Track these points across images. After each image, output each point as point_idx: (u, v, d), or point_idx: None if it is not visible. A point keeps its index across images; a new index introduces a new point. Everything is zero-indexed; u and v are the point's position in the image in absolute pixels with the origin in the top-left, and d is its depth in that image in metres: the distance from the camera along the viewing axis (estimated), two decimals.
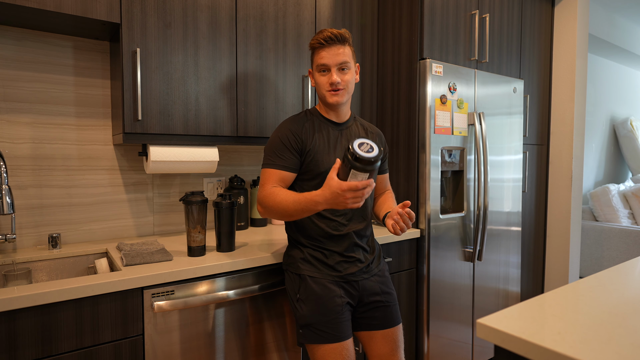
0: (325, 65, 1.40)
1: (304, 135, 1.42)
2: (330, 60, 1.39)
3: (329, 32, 1.39)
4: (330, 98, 1.42)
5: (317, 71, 1.43)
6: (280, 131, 1.43)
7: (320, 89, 1.44)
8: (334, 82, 1.39)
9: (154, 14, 1.57)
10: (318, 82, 1.44)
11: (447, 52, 2.16)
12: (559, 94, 2.89)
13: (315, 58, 1.43)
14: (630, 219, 4.02)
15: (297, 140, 1.41)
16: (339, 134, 1.48)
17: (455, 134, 2.14)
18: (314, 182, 1.43)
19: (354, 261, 1.43)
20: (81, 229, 1.75)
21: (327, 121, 1.48)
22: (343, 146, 1.46)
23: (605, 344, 0.76)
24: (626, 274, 1.19)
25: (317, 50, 1.42)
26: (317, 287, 1.39)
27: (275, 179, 1.39)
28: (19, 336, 1.12)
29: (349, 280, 1.42)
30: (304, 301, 1.40)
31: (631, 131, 4.61)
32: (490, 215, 2.34)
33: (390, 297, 1.49)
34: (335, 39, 1.39)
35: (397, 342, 1.48)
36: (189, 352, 1.40)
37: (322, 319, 1.36)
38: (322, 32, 1.40)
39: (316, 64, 1.43)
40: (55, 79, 1.68)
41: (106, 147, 1.79)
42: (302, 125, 1.44)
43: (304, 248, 1.45)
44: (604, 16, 3.89)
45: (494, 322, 0.85)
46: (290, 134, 1.41)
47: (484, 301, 2.34)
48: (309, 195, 1.25)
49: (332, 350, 1.35)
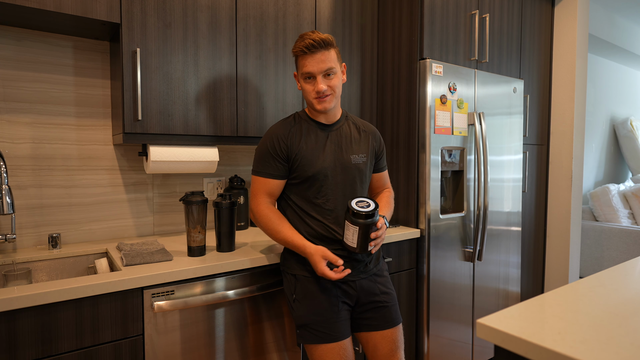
0: (310, 73, 1.37)
1: (289, 141, 1.41)
2: (314, 68, 1.36)
3: (311, 40, 1.35)
4: (318, 105, 1.40)
5: (302, 78, 1.41)
6: (267, 137, 1.44)
7: (307, 96, 1.42)
8: (320, 90, 1.37)
9: (154, 14, 1.57)
10: (304, 89, 1.42)
11: (447, 52, 2.16)
12: (559, 94, 2.89)
13: (299, 65, 1.41)
14: (630, 219, 4.02)
15: (282, 147, 1.41)
16: (327, 135, 1.46)
17: (455, 134, 2.14)
18: (304, 185, 1.43)
19: (350, 261, 1.43)
20: (81, 229, 1.75)
21: (315, 124, 1.47)
22: (333, 145, 1.45)
23: (605, 344, 0.76)
24: (626, 274, 1.19)
25: (300, 57, 1.39)
26: (312, 287, 1.39)
27: (266, 188, 1.43)
28: (19, 336, 1.12)
29: (345, 280, 1.41)
30: (300, 301, 1.40)
31: (631, 131, 4.61)
32: (490, 215, 2.34)
33: (389, 297, 1.48)
34: (319, 45, 1.35)
35: (396, 342, 1.47)
36: (189, 352, 1.40)
37: (318, 318, 1.36)
38: (303, 38, 1.37)
39: (300, 71, 1.41)
40: (55, 79, 1.68)
41: (106, 147, 1.79)
42: (289, 131, 1.43)
43: None
44: (604, 16, 3.89)
45: (494, 322, 0.85)
46: (277, 140, 1.41)
47: (484, 301, 2.34)
48: (302, 243, 1.37)
49: (330, 350, 1.35)
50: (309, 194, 1.43)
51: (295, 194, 1.45)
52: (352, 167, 1.46)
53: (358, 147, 1.49)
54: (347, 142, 1.48)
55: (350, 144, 1.48)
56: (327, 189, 1.42)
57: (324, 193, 1.42)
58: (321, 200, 1.42)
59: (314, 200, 1.42)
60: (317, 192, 1.42)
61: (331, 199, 1.42)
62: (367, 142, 1.52)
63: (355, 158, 1.47)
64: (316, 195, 1.42)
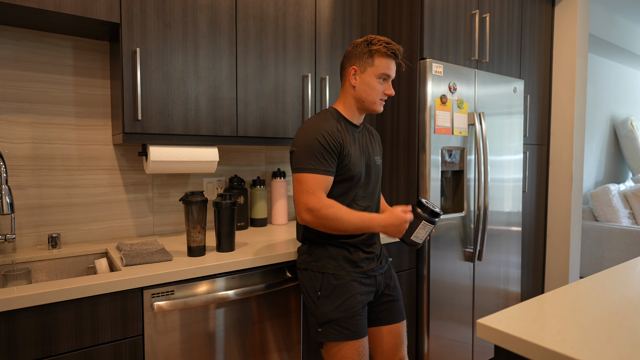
0: (390, 76, 1.45)
1: (339, 137, 1.39)
2: (393, 73, 1.46)
3: (397, 48, 1.43)
4: (379, 107, 1.46)
5: (377, 77, 1.43)
6: (315, 133, 1.37)
7: (371, 94, 1.44)
8: (392, 94, 1.46)
9: (154, 14, 1.57)
10: (373, 87, 1.43)
11: (447, 52, 2.16)
12: (559, 93, 2.89)
13: (380, 65, 1.43)
14: (630, 219, 4.02)
15: (335, 143, 1.38)
16: (357, 137, 1.49)
17: (455, 134, 2.14)
18: (345, 185, 1.42)
19: (374, 257, 1.48)
20: (81, 229, 1.75)
21: (350, 124, 1.48)
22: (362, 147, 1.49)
23: (605, 344, 0.75)
24: (626, 274, 1.19)
25: (384, 58, 1.43)
26: (340, 284, 1.40)
27: (324, 185, 1.36)
28: (19, 336, 1.12)
29: (370, 275, 1.45)
30: (326, 298, 1.39)
31: (631, 131, 4.60)
32: (490, 215, 2.34)
33: (397, 291, 1.54)
34: (398, 56, 1.45)
35: (401, 337, 1.52)
36: (189, 352, 1.40)
37: (344, 315, 1.37)
38: (388, 42, 1.42)
39: (381, 70, 1.43)
40: (55, 79, 1.68)
41: (106, 147, 1.79)
42: (335, 127, 1.41)
43: (329, 246, 1.44)
44: (604, 16, 3.89)
45: (494, 322, 0.85)
46: (329, 136, 1.37)
47: (484, 301, 2.34)
48: (372, 216, 1.36)
49: (352, 347, 1.37)
50: (349, 193, 1.44)
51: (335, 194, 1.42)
52: (377, 167, 1.52)
53: (376, 148, 1.56)
54: (369, 143, 1.53)
55: (372, 146, 1.54)
56: (362, 189, 1.47)
57: (361, 193, 1.47)
58: (358, 199, 1.46)
59: (353, 198, 1.45)
60: (357, 191, 1.45)
61: (366, 198, 1.48)
62: (378, 143, 1.60)
63: (377, 159, 1.53)
64: (356, 194, 1.45)
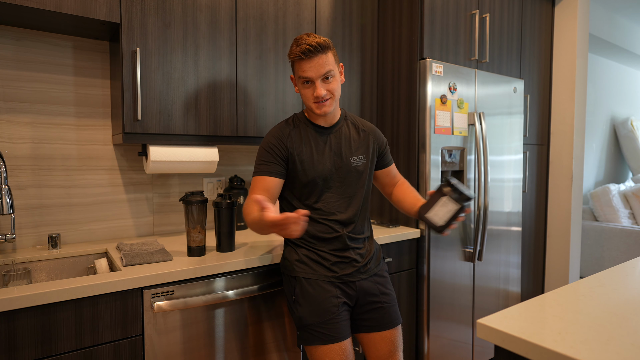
0: (308, 78, 1.35)
1: (288, 143, 1.40)
2: (312, 73, 1.33)
3: (307, 45, 1.31)
4: (317, 110, 1.38)
5: (300, 83, 1.38)
6: (266, 139, 1.43)
7: (306, 101, 1.40)
8: (319, 95, 1.34)
9: (154, 14, 1.57)
10: (303, 94, 1.40)
11: (447, 52, 2.16)
12: (559, 93, 2.89)
13: (297, 70, 1.37)
14: (630, 219, 4.02)
15: (280, 148, 1.39)
16: (326, 139, 1.45)
17: (455, 134, 2.14)
18: (305, 190, 1.43)
19: (350, 261, 1.43)
20: (81, 229, 1.75)
21: (314, 127, 1.46)
22: (332, 149, 1.44)
23: (605, 344, 0.75)
24: (626, 274, 1.19)
25: (297, 62, 1.36)
26: (311, 289, 1.39)
27: (260, 186, 1.37)
28: (19, 336, 1.12)
29: (345, 280, 1.41)
30: (300, 303, 1.39)
31: (631, 131, 4.60)
32: (490, 215, 2.34)
33: (388, 298, 1.48)
34: (315, 49, 1.31)
35: (395, 343, 1.47)
36: (189, 352, 1.40)
37: (318, 319, 1.36)
38: (299, 43, 1.33)
39: (298, 75, 1.37)
40: (55, 78, 1.68)
41: (106, 147, 1.79)
42: (288, 133, 1.42)
43: (298, 249, 1.44)
44: (604, 16, 3.89)
45: (494, 323, 0.85)
46: (275, 141, 1.40)
47: (484, 301, 2.34)
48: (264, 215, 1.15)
49: (330, 350, 1.35)
50: (310, 198, 1.43)
51: (297, 199, 1.45)
52: (351, 169, 1.45)
53: (357, 148, 1.48)
54: (347, 144, 1.47)
55: (349, 146, 1.47)
56: (328, 193, 1.43)
57: (325, 197, 1.43)
58: (322, 204, 1.42)
59: (314, 205, 1.43)
60: (319, 196, 1.42)
61: (331, 202, 1.43)
62: (366, 142, 1.51)
63: (355, 160, 1.46)
64: (317, 199, 1.42)
